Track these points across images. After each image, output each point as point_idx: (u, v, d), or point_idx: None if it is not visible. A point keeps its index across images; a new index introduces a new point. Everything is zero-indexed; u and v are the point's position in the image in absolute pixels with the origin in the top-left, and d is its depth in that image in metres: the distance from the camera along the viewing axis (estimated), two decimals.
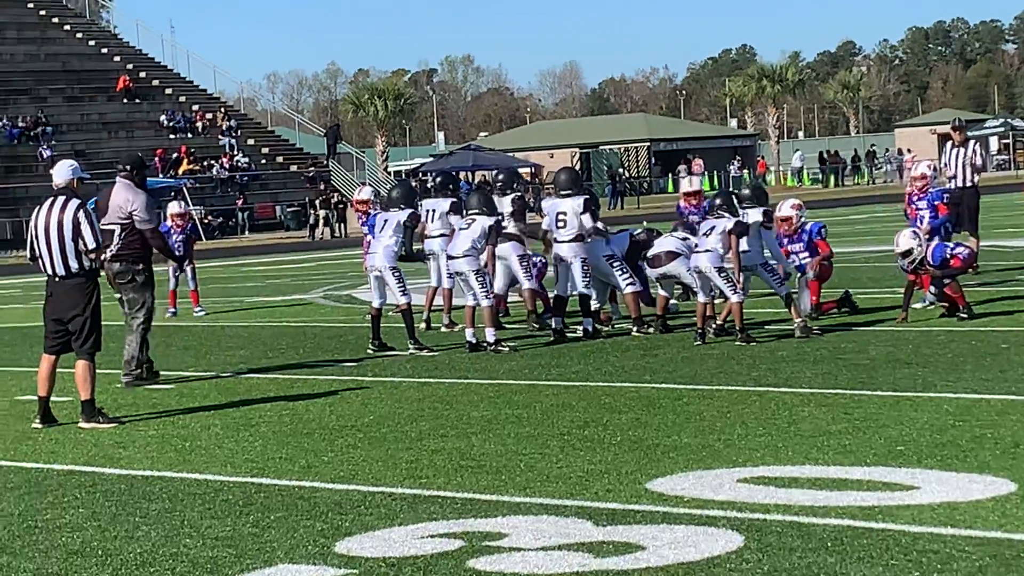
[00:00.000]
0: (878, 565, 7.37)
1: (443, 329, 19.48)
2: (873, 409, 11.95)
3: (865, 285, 22.32)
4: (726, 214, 16.86)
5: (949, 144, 23.61)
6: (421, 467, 10.56)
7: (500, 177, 19.12)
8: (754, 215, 17.18)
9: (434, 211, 19.57)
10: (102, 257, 14.16)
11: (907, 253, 17.76)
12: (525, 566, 7.69)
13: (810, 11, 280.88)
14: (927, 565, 7.32)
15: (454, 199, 19.70)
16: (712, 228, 16.85)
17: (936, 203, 18.74)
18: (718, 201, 17.25)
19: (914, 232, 18.12)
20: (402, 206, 18.15)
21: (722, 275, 16.61)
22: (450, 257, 17.78)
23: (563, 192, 18.07)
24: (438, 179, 20.84)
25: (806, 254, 18.34)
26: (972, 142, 23.74)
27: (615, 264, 17.96)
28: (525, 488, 9.65)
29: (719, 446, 10.74)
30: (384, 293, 17.91)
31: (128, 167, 16.51)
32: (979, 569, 7.21)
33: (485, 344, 17.20)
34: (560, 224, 17.77)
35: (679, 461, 10.24)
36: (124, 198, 15.97)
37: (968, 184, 23.06)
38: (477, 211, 17.73)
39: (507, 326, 19.17)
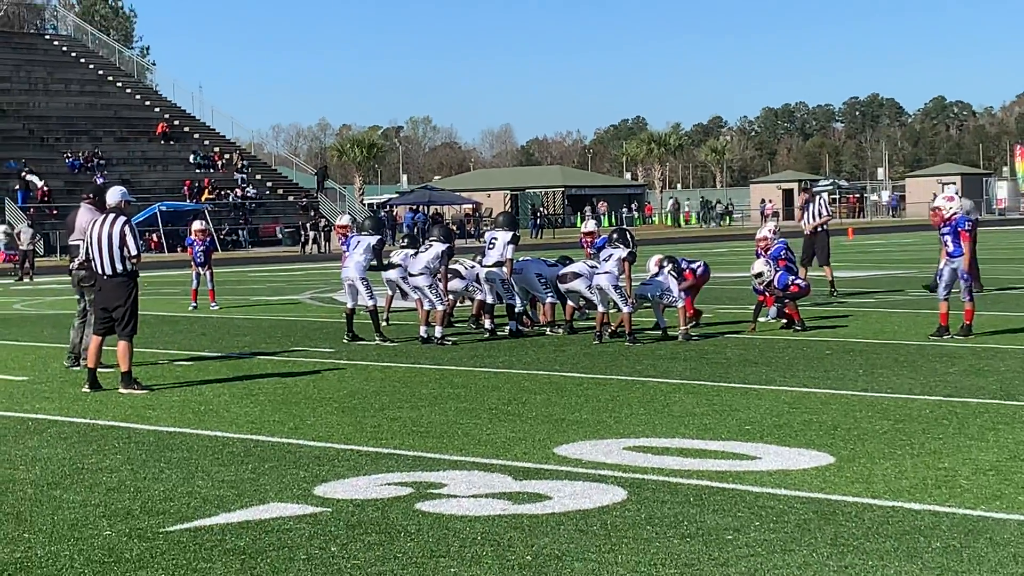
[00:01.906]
0: (728, 515, 7.39)
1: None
2: (728, 397, 11.99)
3: (724, 302, 22.41)
4: (621, 245, 16.93)
5: (802, 202, 24.28)
6: (382, 431, 10.53)
7: (500, 219, 19.12)
8: (667, 265, 17.40)
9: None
10: (72, 266, 14.28)
11: (759, 275, 17.98)
12: (459, 509, 7.68)
13: (689, 91, 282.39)
14: (765, 516, 7.35)
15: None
16: (611, 255, 16.92)
17: (777, 258, 18.71)
18: (615, 236, 17.31)
19: (766, 260, 18.29)
20: (372, 232, 18.17)
21: (617, 291, 16.66)
22: (410, 274, 17.75)
23: (500, 226, 18.42)
24: (366, 221, 20.03)
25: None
26: (817, 198, 24.20)
27: (542, 281, 18.18)
28: (461, 449, 9.63)
29: (610, 422, 10.76)
30: (356, 297, 17.87)
31: (91, 194, 15.31)
32: (805, 521, 7.25)
33: (434, 338, 17.16)
34: (490, 247, 18.10)
35: (579, 432, 10.25)
36: (88, 219, 14.71)
37: (819, 230, 23.56)
38: (435, 239, 17.76)
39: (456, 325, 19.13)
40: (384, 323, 18.92)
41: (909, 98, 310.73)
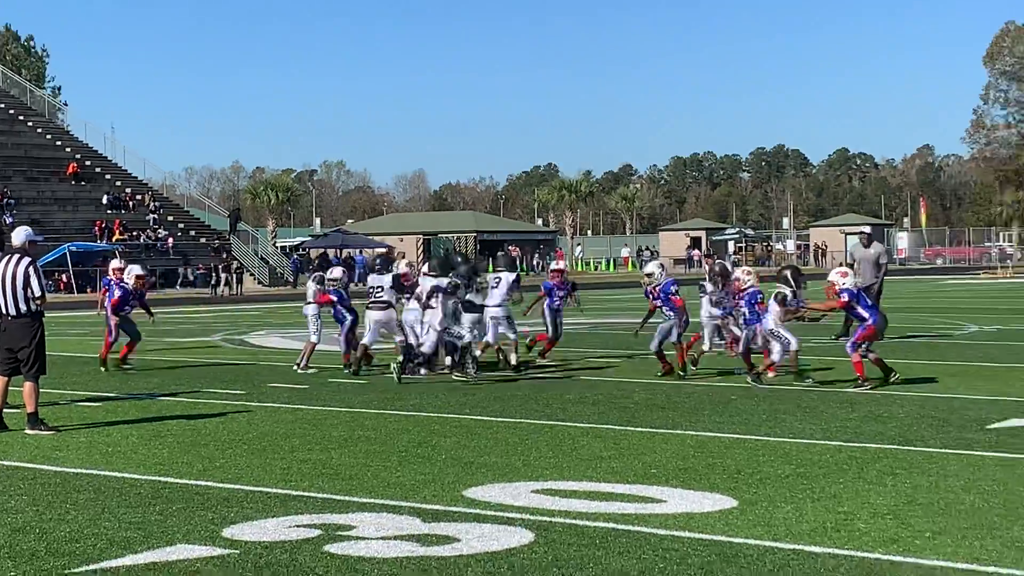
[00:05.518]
0: (633, 558, 7.44)
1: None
2: (634, 441, 12.07)
3: (628, 348, 22.50)
4: (782, 285, 16.67)
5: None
6: (291, 473, 10.47)
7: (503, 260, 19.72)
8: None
9: (380, 286, 18.80)
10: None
11: (650, 275, 18.24)
12: (368, 551, 7.66)
13: (600, 139, 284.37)
14: (670, 559, 7.41)
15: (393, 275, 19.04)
16: (762, 297, 17.10)
17: (754, 303, 18.31)
18: (787, 272, 17.04)
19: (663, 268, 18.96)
20: (442, 274, 17.95)
21: (774, 336, 16.50)
22: (486, 306, 18.35)
23: (503, 267, 19.38)
24: (378, 261, 19.87)
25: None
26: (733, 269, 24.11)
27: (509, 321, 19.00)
28: (371, 491, 9.61)
29: (519, 464, 10.78)
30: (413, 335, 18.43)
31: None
32: (708, 563, 7.32)
33: (521, 366, 18.32)
34: (494, 287, 18.93)
35: (488, 475, 10.26)
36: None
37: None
38: (503, 269, 19.14)
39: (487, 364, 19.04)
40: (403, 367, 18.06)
41: (814, 149, 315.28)
